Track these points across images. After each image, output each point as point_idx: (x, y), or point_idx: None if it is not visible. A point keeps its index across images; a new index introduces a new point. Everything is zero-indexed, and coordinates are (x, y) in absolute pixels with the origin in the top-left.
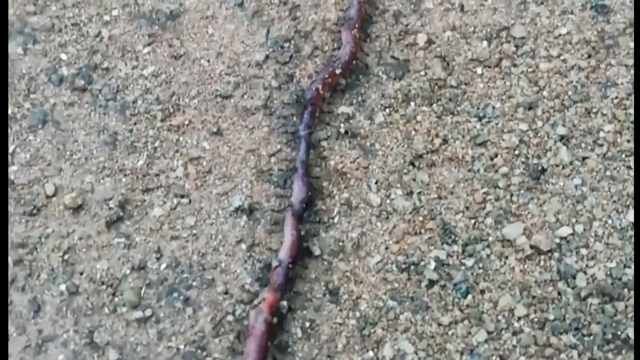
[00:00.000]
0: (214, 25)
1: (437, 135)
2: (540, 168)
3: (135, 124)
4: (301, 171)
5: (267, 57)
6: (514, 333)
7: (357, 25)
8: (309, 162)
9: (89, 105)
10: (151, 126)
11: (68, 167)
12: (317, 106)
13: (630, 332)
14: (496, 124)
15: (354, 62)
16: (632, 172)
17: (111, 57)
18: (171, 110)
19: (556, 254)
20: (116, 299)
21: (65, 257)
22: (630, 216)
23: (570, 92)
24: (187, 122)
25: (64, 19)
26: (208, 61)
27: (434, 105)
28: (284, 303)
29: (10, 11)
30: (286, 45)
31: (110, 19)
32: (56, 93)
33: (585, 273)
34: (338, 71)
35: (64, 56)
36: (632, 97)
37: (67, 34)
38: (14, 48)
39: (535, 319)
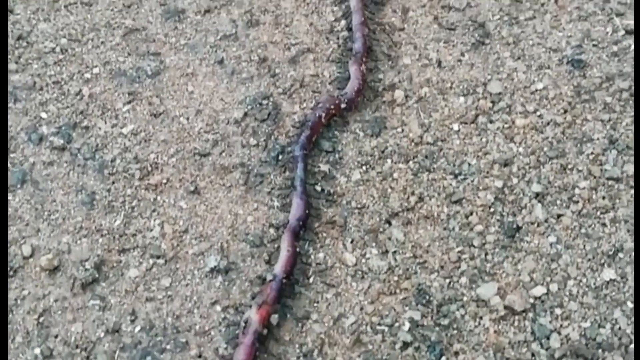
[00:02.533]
0: (194, 82)
1: (412, 193)
2: (515, 226)
3: (113, 183)
4: (300, 189)
5: (245, 114)
6: None
7: (363, 59)
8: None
9: (68, 164)
10: (129, 185)
11: (45, 228)
12: (316, 132)
13: None
14: (472, 181)
15: (359, 98)
16: (606, 230)
17: (91, 116)
18: (149, 168)
19: (530, 314)
20: None
21: (41, 319)
22: (605, 275)
23: (545, 148)
24: (164, 181)
25: (45, 77)
26: (187, 119)
27: (410, 162)
28: (275, 316)
29: None
30: (264, 102)
31: (91, 77)
32: (36, 152)
33: (559, 333)
34: (343, 105)
35: (44, 115)
36: (608, 152)
37: (48, 92)
38: None
39: None
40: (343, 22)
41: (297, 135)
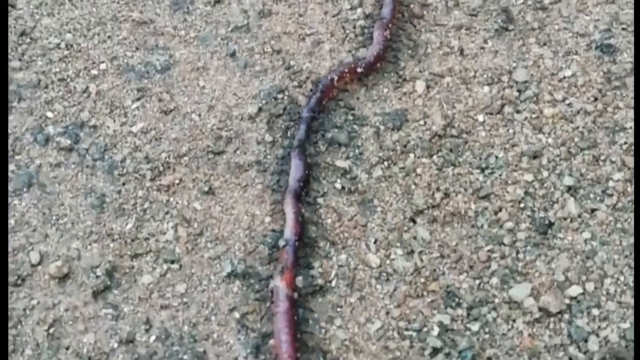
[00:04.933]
0: (205, 77)
1: (438, 189)
2: (547, 222)
3: (123, 184)
4: (298, 150)
5: (260, 109)
6: None
7: (389, 25)
8: (307, 141)
9: (76, 165)
10: (140, 187)
11: (54, 233)
12: (327, 95)
13: None
14: (500, 175)
15: (379, 64)
16: None
17: (99, 114)
18: (161, 169)
19: (566, 316)
20: None
21: (51, 330)
22: None
23: (576, 139)
24: (177, 182)
25: (51, 75)
26: (199, 115)
27: (434, 156)
28: (300, 278)
29: None
30: (279, 96)
31: (98, 73)
32: (42, 153)
33: (597, 336)
34: (359, 70)
35: (50, 114)
36: None
37: (54, 90)
38: None
39: None
40: (359, 9)
41: (308, 97)
